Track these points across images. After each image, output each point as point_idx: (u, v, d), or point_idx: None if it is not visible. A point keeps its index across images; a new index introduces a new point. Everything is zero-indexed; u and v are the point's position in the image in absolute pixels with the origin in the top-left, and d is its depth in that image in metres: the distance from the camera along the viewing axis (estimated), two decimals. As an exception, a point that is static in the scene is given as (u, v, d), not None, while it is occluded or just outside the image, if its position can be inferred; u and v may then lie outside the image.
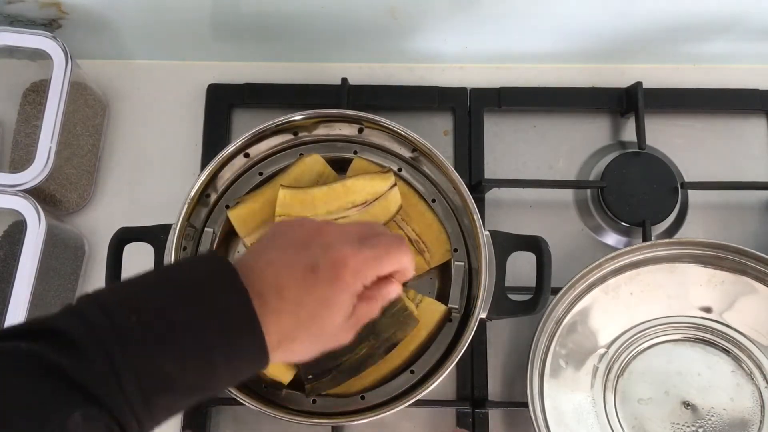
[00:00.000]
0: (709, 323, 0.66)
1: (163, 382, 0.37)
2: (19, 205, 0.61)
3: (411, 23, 0.71)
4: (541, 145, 0.75)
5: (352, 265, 0.43)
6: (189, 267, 0.43)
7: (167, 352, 0.38)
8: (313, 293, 0.42)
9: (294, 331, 0.42)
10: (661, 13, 0.69)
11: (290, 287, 0.42)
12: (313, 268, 0.42)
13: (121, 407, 0.36)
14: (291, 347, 0.42)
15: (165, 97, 0.77)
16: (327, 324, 0.43)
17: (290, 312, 0.42)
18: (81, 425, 0.35)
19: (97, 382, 0.36)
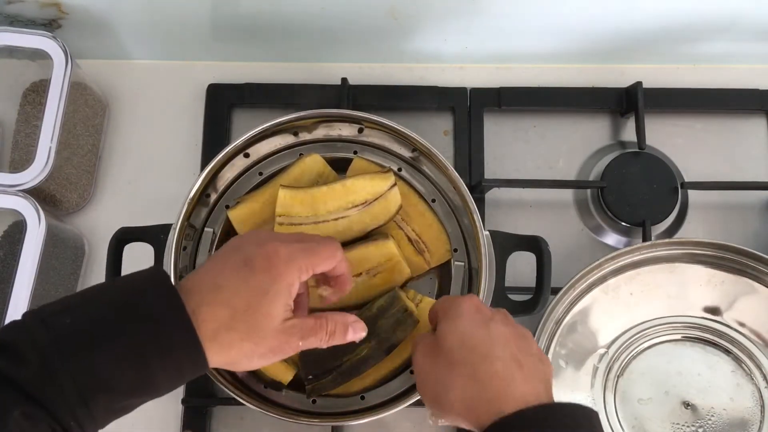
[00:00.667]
0: (709, 323, 0.66)
1: (99, 382, 0.39)
2: (19, 205, 0.61)
3: (411, 23, 0.71)
4: (541, 145, 0.75)
5: (284, 254, 0.45)
6: (127, 278, 0.44)
7: (101, 352, 0.39)
8: (248, 282, 0.44)
9: (230, 321, 0.43)
10: (661, 13, 0.69)
11: (226, 281, 0.44)
12: (247, 262, 0.44)
13: (59, 406, 0.38)
14: (229, 339, 0.43)
15: (165, 97, 0.77)
16: (263, 315, 0.44)
17: (225, 302, 0.43)
18: (23, 423, 0.36)
19: (34, 382, 0.37)
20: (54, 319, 0.40)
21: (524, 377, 0.45)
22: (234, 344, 0.44)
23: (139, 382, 0.41)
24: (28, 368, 0.38)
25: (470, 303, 0.49)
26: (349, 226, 0.61)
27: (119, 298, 0.42)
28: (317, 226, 0.60)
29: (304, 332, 0.46)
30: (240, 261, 0.45)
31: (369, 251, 0.60)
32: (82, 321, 0.40)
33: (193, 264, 0.63)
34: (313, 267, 0.47)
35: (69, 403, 0.38)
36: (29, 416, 0.37)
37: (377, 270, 0.61)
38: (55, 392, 0.38)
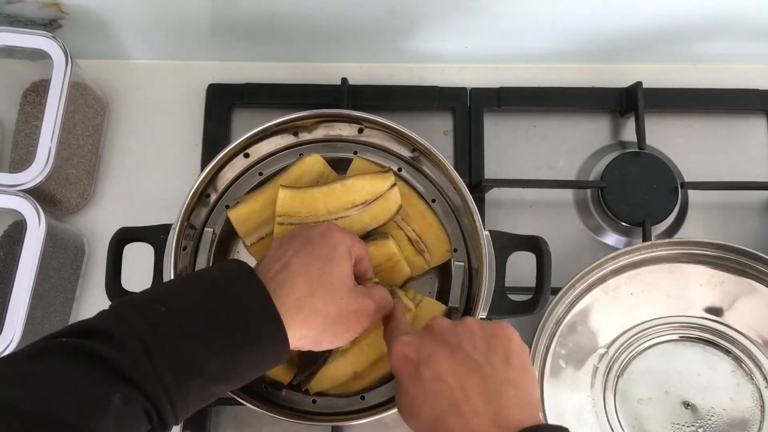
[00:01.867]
0: (709, 323, 0.66)
1: (193, 367, 0.41)
2: (19, 205, 0.61)
3: (411, 23, 0.71)
4: (541, 145, 0.75)
5: (335, 228, 0.51)
6: (209, 269, 0.48)
7: (195, 339, 0.42)
8: (312, 254, 0.48)
9: (309, 287, 0.46)
10: (661, 13, 0.69)
11: (293, 259, 0.48)
12: (306, 241, 0.49)
13: (156, 390, 0.40)
14: (313, 305, 0.46)
15: (165, 97, 0.77)
16: (337, 276, 0.48)
17: (299, 274, 0.47)
18: (120, 408, 0.38)
19: (133, 367, 0.39)
20: (148, 308, 0.42)
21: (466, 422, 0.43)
22: (319, 309, 0.46)
23: (228, 370, 0.43)
24: (127, 353, 0.39)
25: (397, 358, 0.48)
26: (349, 226, 0.61)
27: (206, 286, 0.45)
28: (317, 226, 0.60)
29: (375, 296, 0.50)
30: (300, 243, 0.49)
31: (369, 251, 0.60)
32: (175, 310, 0.42)
33: (194, 264, 0.63)
34: (356, 243, 0.52)
35: (165, 387, 0.40)
36: (127, 400, 0.38)
37: (377, 270, 0.61)
38: (153, 376, 0.39)
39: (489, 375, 0.45)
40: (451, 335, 0.47)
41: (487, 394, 0.44)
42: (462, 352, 0.46)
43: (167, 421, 0.41)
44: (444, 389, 0.44)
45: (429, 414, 0.45)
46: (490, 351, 0.46)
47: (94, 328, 0.41)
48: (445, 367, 0.45)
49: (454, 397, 0.44)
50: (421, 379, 0.45)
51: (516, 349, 0.47)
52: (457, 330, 0.47)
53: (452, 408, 0.44)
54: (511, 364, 0.46)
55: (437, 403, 0.44)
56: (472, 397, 0.44)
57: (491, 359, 0.46)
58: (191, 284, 0.45)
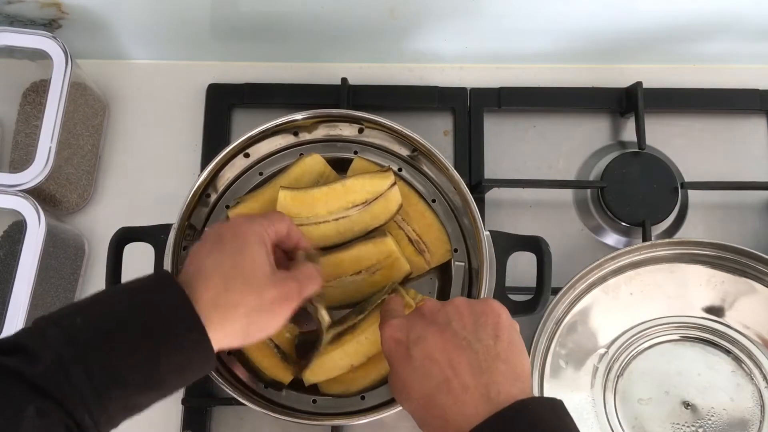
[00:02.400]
0: (709, 323, 0.66)
1: (112, 377, 0.40)
2: (19, 205, 0.61)
3: (411, 23, 0.71)
4: (541, 145, 0.75)
5: (243, 220, 0.50)
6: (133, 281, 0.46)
7: (113, 347, 0.41)
8: (223, 251, 0.47)
9: (224, 283, 0.45)
10: (661, 13, 0.69)
11: (206, 259, 0.47)
12: (217, 239, 0.48)
13: (73, 401, 0.39)
14: (230, 300, 0.45)
15: (165, 97, 0.77)
16: (250, 265, 0.47)
17: (213, 272, 0.46)
18: (36, 420, 0.37)
19: (48, 378, 0.38)
20: (65, 320, 0.41)
21: (456, 398, 0.44)
22: (237, 302, 0.45)
23: (150, 378, 0.42)
24: (40, 364, 0.39)
25: (388, 343, 0.48)
26: (349, 226, 0.61)
27: (126, 297, 0.44)
28: (318, 226, 0.60)
29: (299, 277, 0.49)
30: (211, 243, 0.48)
31: (368, 249, 0.60)
32: (92, 319, 0.42)
33: (193, 264, 0.63)
34: (270, 225, 0.50)
35: (83, 397, 0.39)
36: (43, 413, 0.38)
37: (376, 267, 0.61)
38: (68, 387, 0.39)
39: (478, 351, 0.45)
40: (440, 315, 0.48)
41: (477, 370, 0.44)
42: (450, 331, 0.46)
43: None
44: (434, 367, 0.45)
45: (420, 392, 0.45)
46: (479, 328, 0.46)
47: (10, 344, 0.40)
48: (435, 346, 0.46)
49: (443, 374, 0.44)
50: (412, 360, 0.46)
51: (505, 324, 0.47)
52: (446, 310, 0.48)
53: (442, 385, 0.44)
54: (500, 339, 0.46)
55: (428, 381, 0.45)
56: (462, 373, 0.44)
57: (480, 336, 0.46)
58: (111, 294, 0.45)
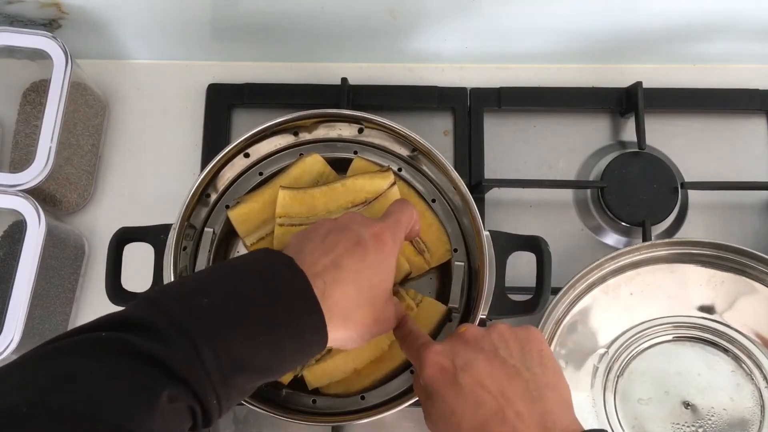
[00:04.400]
0: (709, 323, 0.66)
1: (240, 362, 0.40)
2: (19, 205, 0.61)
3: (411, 23, 0.71)
4: (541, 145, 0.75)
5: (388, 233, 0.48)
6: (245, 258, 0.45)
7: (240, 332, 0.40)
8: (365, 261, 0.46)
9: (357, 298, 0.45)
10: (661, 13, 0.69)
11: (344, 260, 0.46)
12: (359, 242, 0.47)
13: (205, 387, 0.38)
14: (357, 316, 0.46)
15: (165, 97, 0.77)
16: (382, 291, 0.47)
17: (350, 281, 0.45)
18: (167, 406, 0.36)
19: (184, 364, 0.38)
20: (191, 300, 0.41)
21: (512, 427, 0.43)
22: (360, 319, 0.46)
23: (272, 363, 0.42)
24: (177, 349, 0.38)
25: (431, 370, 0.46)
26: (349, 226, 0.61)
27: (251, 280, 0.43)
28: (318, 226, 0.60)
29: (398, 308, 0.50)
30: (353, 241, 0.47)
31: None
32: (219, 302, 0.41)
33: (194, 264, 0.63)
34: (405, 237, 0.51)
35: (213, 383, 0.39)
36: (173, 398, 0.37)
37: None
38: (202, 373, 0.38)
39: (529, 379, 0.45)
40: (485, 342, 0.47)
41: (529, 399, 0.44)
42: (499, 358, 0.45)
43: (211, 417, 0.40)
44: (486, 395, 0.44)
45: (471, 422, 0.44)
46: (525, 356, 0.46)
47: (137, 322, 0.39)
48: (485, 373, 0.45)
49: (497, 403, 0.43)
50: (461, 387, 0.45)
51: (548, 353, 0.47)
52: (491, 336, 0.47)
53: (496, 414, 0.43)
54: (546, 368, 0.46)
55: (480, 410, 0.44)
56: (515, 402, 0.43)
57: (528, 364, 0.46)
58: (231, 275, 0.44)
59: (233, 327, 0.40)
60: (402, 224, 0.51)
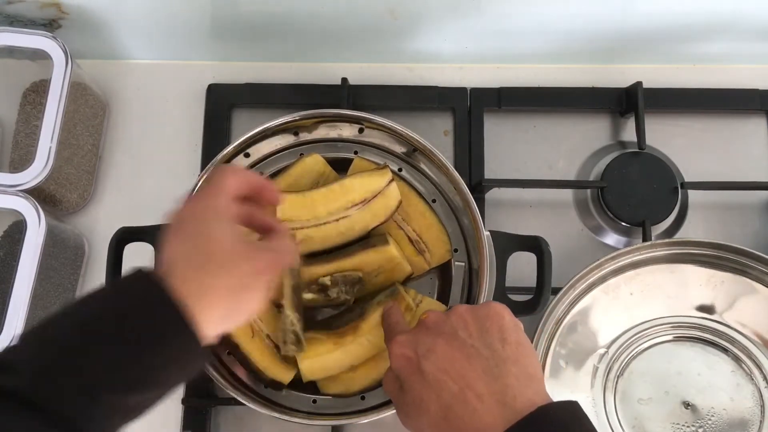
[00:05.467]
0: (709, 323, 0.66)
1: (98, 380, 0.39)
2: (19, 205, 0.61)
3: (411, 23, 0.71)
4: (541, 145, 0.75)
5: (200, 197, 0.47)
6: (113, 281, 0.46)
7: (95, 349, 0.39)
8: (187, 233, 0.45)
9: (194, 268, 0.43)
10: (661, 13, 0.69)
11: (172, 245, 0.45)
12: (180, 221, 0.46)
13: (63, 410, 0.37)
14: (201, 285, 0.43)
15: (165, 97, 0.77)
16: (214, 245, 0.44)
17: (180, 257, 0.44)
18: None
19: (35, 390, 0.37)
20: (47, 329, 0.41)
21: (473, 408, 0.43)
22: (211, 286, 0.43)
23: (140, 376, 0.40)
24: (25, 377, 0.37)
25: (397, 361, 0.47)
26: (350, 226, 0.61)
27: (103, 297, 0.43)
28: (319, 228, 0.61)
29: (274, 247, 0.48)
30: (174, 226, 0.46)
31: (369, 257, 0.60)
32: (73, 324, 0.41)
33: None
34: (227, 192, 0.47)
35: (73, 404, 0.38)
36: (33, 428, 0.37)
37: (378, 271, 0.61)
38: (56, 396, 0.38)
39: (488, 357, 0.45)
40: (445, 326, 0.47)
41: (489, 377, 0.44)
42: (458, 341, 0.46)
43: None
44: (447, 380, 0.44)
45: (436, 407, 0.44)
46: (485, 333, 0.46)
47: None
48: (445, 358, 0.45)
49: (458, 386, 0.44)
50: (424, 375, 0.45)
51: (509, 325, 0.47)
52: (450, 319, 0.48)
53: (457, 397, 0.44)
54: (507, 342, 0.46)
55: (443, 394, 0.44)
56: (475, 382, 0.44)
57: (488, 341, 0.46)
58: (90, 297, 0.43)
59: (88, 347, 0.39)
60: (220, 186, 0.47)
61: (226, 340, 0.59)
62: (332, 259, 0.61)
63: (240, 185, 0.48)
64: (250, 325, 0.59)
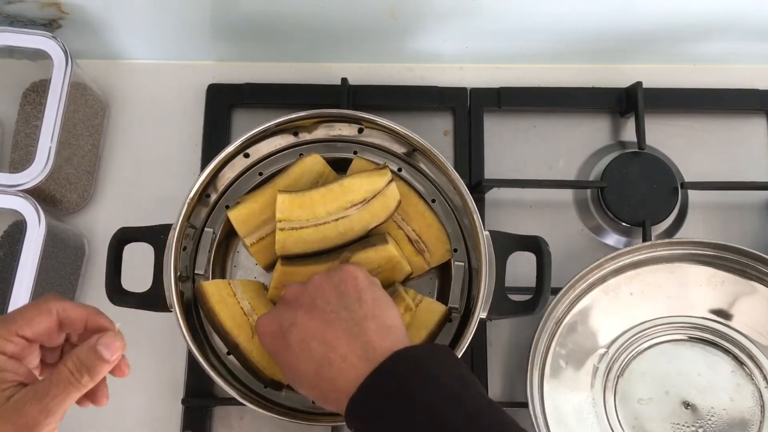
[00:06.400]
0: (709, 323, 0.66)
1: None
2: (19, 205, 0.61)
3: (411, 23, 0.71)
4: (541, 145, 0.75)
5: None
6: None
7: None
8: None
9: None
10: (661, 13, 0.69)
11: None
12: None
13: None
14: None
15: (165, 97, 0.77)
16: None
17: None
18: None
19: None
20: None
21: (344, 367, 0.46)
22: None
23: None
24: None
25: (265, 339, 0.51)
26: (350, 226, 0.61)
27: None
28: (318, 228, 0.61)
29: (38, 395, 0.41)
30: None
31: (369, 256, 0.60)
32: None
33: (194, 264, 0.63)
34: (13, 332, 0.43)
35: None
36: None
37: (378, 271, 0.61)
38: None
39: (347, 319, 0.48)
40: (303, 297, 0.50)
41: (350, 336, 0.47)
42: (317, 309, 0.49)
43: None
44: (313, 346, 0.48)
45: (307, 374, 0.48)
46: (342, 297, 0.49)
47: None
48: (307, 328, 0.48)
49: (322, 350, 0.47)
50: (290, 346, 0.49)
51: (363, 285, 0.50)
52: (307, 290, 0.50)
53: (323, 361, 0.47)
54: (364, 301, 0.49)
55: (310, 361, 0.48)
56: (338, 344, 0.47)
57: (346, 303, 0.49)
58: None
59: None
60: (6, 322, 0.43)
61: (226, 340, 0.59)
62: (332, 258, 0.61)
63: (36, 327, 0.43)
64: (249, 325, 0.59)
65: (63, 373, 0.42)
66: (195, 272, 0.63)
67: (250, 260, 0.66)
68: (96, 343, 0.43)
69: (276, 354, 0.51)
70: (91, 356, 0.43)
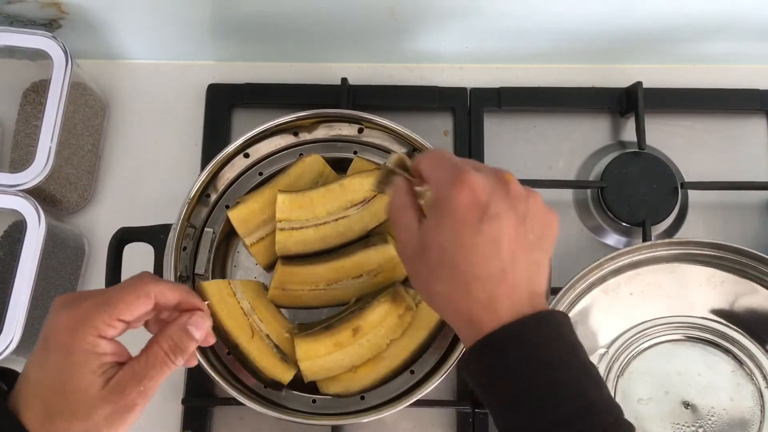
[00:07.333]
0: (709, 323, 0.66)
1: None
2: (19, 205, 0.61)
3: (411, 23, 0.71)
4: (541, 145, 0.75)
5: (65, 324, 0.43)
6: None
7: None
8: (43, 367, 0.42)
9: (48, 408, 0.41)
10: (661, 13, 0.69)
11: (31, 371, 0.42)
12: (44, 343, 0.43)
13: None
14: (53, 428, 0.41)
15: (165, 97, 0.77)
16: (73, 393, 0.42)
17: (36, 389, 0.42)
18: None
19: None
20: None
21: (507, 291, 0.42)
22: (70, 427, 0.41)
23: None
24: None
25: (465, 196, 0.43)
26: (350, 226, 0.61)
27: None
28: (318, 228, 0.61)
29: (137, 376, 0.42)
30: (40, 345, 0.43)
31: (369, 256, 0.60)
32: None
33: (194, 264, 0.63)
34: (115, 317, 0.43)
35: None
36: None
37: (377, 271, 0.61)
38: None
39: (537, 259, 0.44)
40: (521, 205, 0.44)
41: (532, 274, 0.43)
42: (524, 227, 0.44)
43: None
44: (498, 253, 0.42)
45: (472, 271, 0.42)
46: (543, 237, 0.45)
47: None
48: (507, 234, 0.43)
49: (502, 265, 0.42)
50: (480, 234, 0.42)
51: (552, 243, 0.46)
52: (528, 202, 0.45)
53: (498, 274, 0.42)
54: (549, 257, 0.46)
55: (485, 264, 0.42)
56: (518, 268, 0.43)
57: (542, 245, 0.45)
58: None
59: None
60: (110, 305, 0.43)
61: (226, 339, 0.59)
62: (332, 258, 0.61)
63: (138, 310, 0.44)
64: (250, 325, 0.59)
65: (159, 355, 0.44)
66: (195, 272, 0.63)
67: (250, 260, 0.66)
68: (187, 323, 0.45)
69: (459, 220, 0.43)
70: (183, 336, 0.45)
